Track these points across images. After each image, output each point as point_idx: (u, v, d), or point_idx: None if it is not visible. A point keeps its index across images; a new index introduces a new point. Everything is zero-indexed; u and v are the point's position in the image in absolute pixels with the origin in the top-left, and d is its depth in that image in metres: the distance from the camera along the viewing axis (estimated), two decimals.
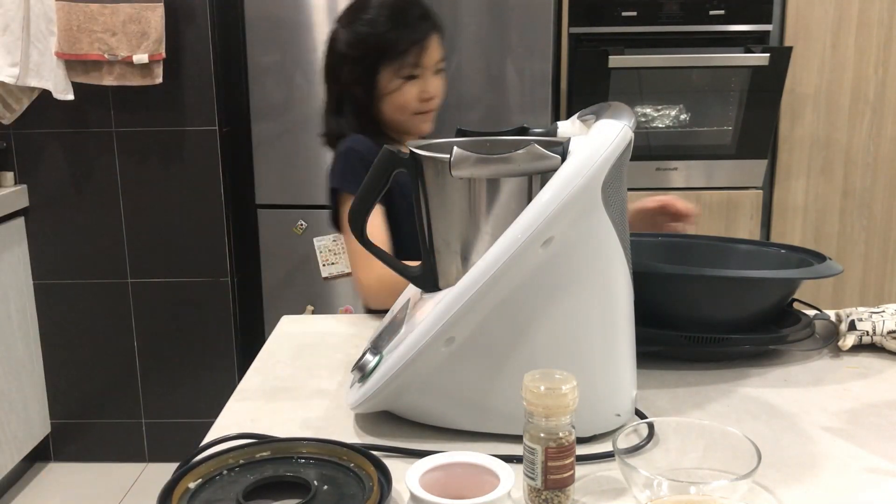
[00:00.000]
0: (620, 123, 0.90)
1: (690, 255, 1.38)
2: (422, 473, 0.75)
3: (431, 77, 1.54)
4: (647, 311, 1.11)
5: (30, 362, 2.69)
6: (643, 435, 0.91)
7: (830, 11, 2.54)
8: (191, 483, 0.83)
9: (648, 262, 1.16)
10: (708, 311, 1.17)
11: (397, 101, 1.53)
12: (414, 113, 1.54)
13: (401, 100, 1.53)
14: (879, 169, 2.63)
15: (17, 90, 2.47)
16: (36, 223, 2.67)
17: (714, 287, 1.17)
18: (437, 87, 1.55)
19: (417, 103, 1.53)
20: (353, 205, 1.03)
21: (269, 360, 1.23)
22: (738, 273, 1.23)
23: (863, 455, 0.91)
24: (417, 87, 1.52)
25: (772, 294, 1.21)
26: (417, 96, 1.53)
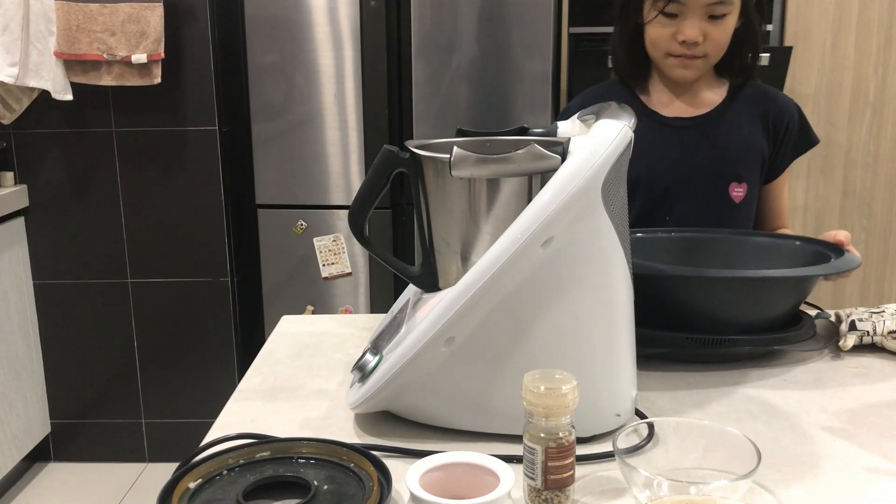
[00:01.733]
0: (620, 123, 0.90)
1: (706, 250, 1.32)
2: (422, 473, 0.75)
3: (696, 19, 1.34)
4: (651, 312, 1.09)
5: (30, 362, 2.68)
6: (643, 435, 0.91)
7: (830, 11, 2.54)
8: (191, 483, 0.83)
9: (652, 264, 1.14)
10: (716, 312, 1.14)
11: (651, 35, 1.39)
12: (667, 54, 1.39)
13: (654, 34, 1.38)
14: (879, 169, 2.63)
15: (16, 90, 2.47)
16: (36, 223, 2.67)
17: (720, 288, 1.14)
18: (703, 32, 1.35)
19: (671, 43, 1.37)
20: (353, 205, 1.03)
21: (269, 360, 1.23)
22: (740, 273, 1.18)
23: (863, 455, 0.91)
24: (674, 26, 1.35)
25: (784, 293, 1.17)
26: (671, 36, 1.36)
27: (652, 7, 1.36)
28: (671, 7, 1.33)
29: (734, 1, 1.36)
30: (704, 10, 1.34)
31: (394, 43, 2.45)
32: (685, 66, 1.39)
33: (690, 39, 1.34)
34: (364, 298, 2.59)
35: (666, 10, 1.34)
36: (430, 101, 2.48)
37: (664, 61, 1.41)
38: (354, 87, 2.48)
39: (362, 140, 2.50)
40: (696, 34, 1.34)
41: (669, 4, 1.33)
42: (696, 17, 1.34)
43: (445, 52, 2.45)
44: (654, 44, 1.39)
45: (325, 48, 2.47)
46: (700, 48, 1.36)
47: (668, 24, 1.36)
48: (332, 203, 2.55)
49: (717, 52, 1.39)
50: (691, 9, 1.33)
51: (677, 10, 1.34)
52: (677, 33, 1.35)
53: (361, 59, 2.45)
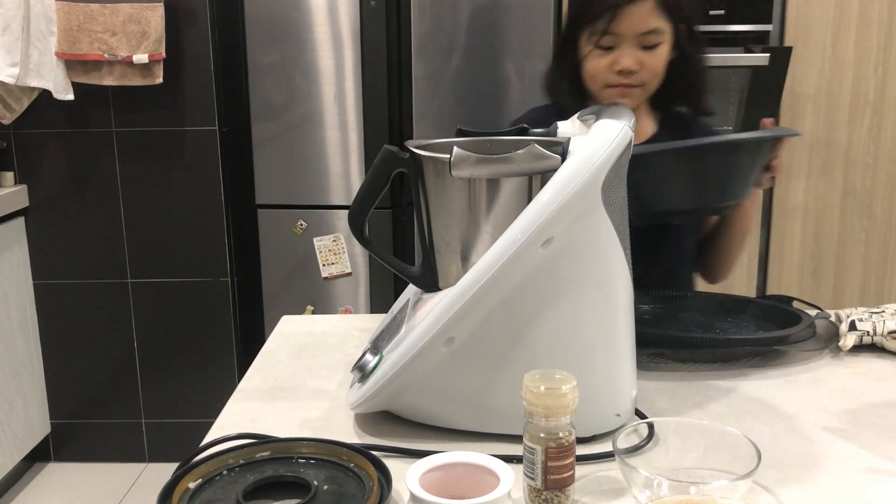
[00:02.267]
0: (620, 123, 0.90)
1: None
2: (422, 473, 0.75)
3: (631, 48, 1.38)
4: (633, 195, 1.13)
5: (30, 362, 2.69)
6: (643, 435, 0.91)
7: (830, 11, 2.54)
8: (191, 483, 0.83)
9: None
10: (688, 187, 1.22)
11: (588, 68, 1.43)
12: (605, 85, 1.42)
13: (591, 68, 1.42)
14: (879, 169, 2.63)
15: (17, 90, 2.47)
16: (36, 223, 2.67)
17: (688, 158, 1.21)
18: (638, 61, 1.39)
19: (608, 75, 1.41)
20: (353, 205, 1.03)
21: (269, 360, 1.23)
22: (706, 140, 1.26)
23: (863, 455, 0.91)
24: (610, 57, 1.40)
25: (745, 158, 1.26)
26: (608, 67, 1.40)
27: (588, 42, 1.41)
28: (606, 40, 1.39)
29: (666, 30, 1.40)
30: (638, 41, 1.39)
31: (394, 43, 2.45)
32: (624, 96, 1.43)
33: (627, 69, 1.39)
34: (364, 298, 2.59)
35: (601, 42, 1.39)
36: (430, 101, 2.48)
37: (603, 92, 1.44)
38: (354, 87, 2.48)
39: (362, 140, 2.50)
40: (632, 63, 1.39)
41: (604, 37, 1.38)
42: (630, 47, 1.39)
43: (445, 52, 2.45)
44: (593, 76, 1.43)
45: (325, 48, 2.47)
46: (637, 77, 1.41)
47: (605, 56, 1.40)
48: (332, 203, 2.55)
49: (653, 80, 1.43)
50: (625, 39, 1.38)
51: (612, 41, 1.39)
52: (614, 64, 1.40)
53: (361, 59, 2.45)
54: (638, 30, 1.37)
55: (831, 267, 2.69)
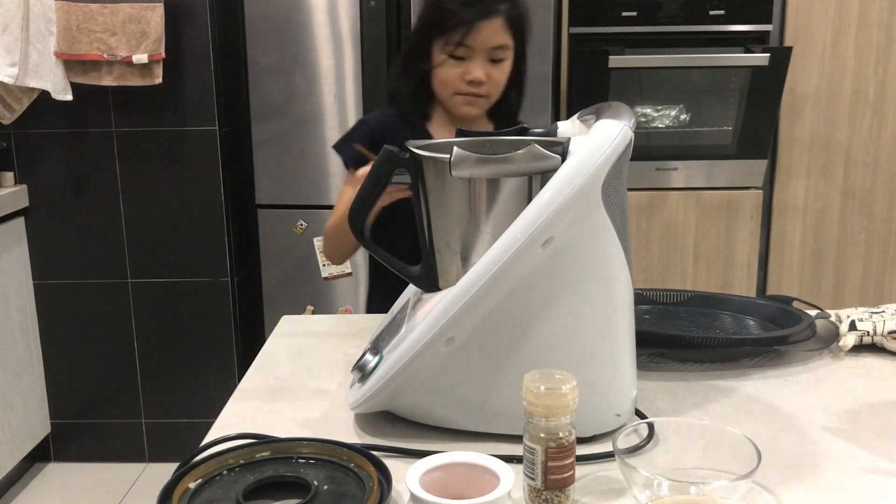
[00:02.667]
0: (620, 123, 0.90)
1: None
2: (422, 473, 0.75)
3: (481, 61, 1.48)
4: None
5: (30, 362, 2.68)
6: (643, 435, 0.91)
7: (830, 11, 2.54)
8: (191, 483, 0.83)
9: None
10: None
11: (440, 76, 1.51)
12: (455, 93, 1.50)
13: (443, 75, 1.50)
14: (879, 169, 2.63)
15: (16, 90, 2.47)
16: (36, 223, 2.67)
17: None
18: (487, 73, 1.49)
19: (459, 83, 1.49)
20: (353, 205, 1.03)
21: (269, 360, 1.23)
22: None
23: (863, 455, 0.91)
24: (462, 67, 1.48)
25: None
26: (460, 76, 1.48)
27: (441, 51, 1.49)
28: (460, 51, 1.47)
29: (510, 47, 1.52)
30: (488, 54, 1.48)
31: (394, 43, 2.45)
32: (471, 104, 1.52)
33: (477, 79, 1.48)
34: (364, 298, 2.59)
35: (455, 53, 1.47)
36: None
37: (452, 99, 1.52)
38: (354, 87, 2.48)
39: None
40: (482, 74, 1.48)
41: (459, 48, 1.47)
42: (481, 60, 1.48)
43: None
44: (444, 84, 1.51)
45: (325, 48, 2.47)
46: (484, 88, 1.50)
47: (457, 66, 1.49)
48: (332, 203, 2.54)
49: (497, 92, 1.53)
50: (477, 52, 1.47)
51: (465, 53, 1.48)
52: (465, 74, 1.48)
53: (361, 59, 2.45)
54: (489, 44, 1.47)
55: (831, 267, 2.69)
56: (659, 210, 2.59)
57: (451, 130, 1.58)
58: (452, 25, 1.46)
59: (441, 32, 1.48)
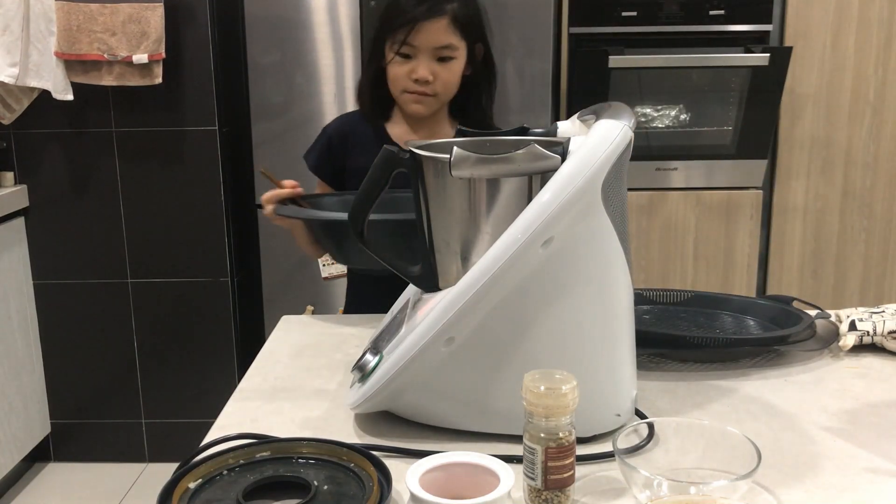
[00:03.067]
0: (620, 123, 0.90)
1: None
2: (422, 473, 0.75)
3: (427, 60, 1.51)
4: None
5: (30, 362, 2.68)
6: (643, 435, 0.91)
7: (830, 11, 2.54)
8: (191, 483, 0.83)
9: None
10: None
11: (390, 74, 1.54)
12: (403, 91, 1.53)
13: (392, 73, 1.54)
14: (879, 169, 2.63)
15: (16, 90, 2.47)
16: (36, 223, 2.67)
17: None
18: (433, 72, 1.51)
19: (406, 81, 1.52)
20: (353, 205, 1.03)
21: (269, 360, 1.23)
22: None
23: (863, 455, 0.91)
24: (409, 65, 1.51)
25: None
26: (406, 74, 1.51)
27: (390, 49, 1.52)
28: (405, 49, 1.50)
29: (460, 47, 1.53)
30: (434, 53, 1.50)
31: None
32: (418, 102, 1.54)
33: (422, 78, 1.51)
34: None
35: (401, 51, 1.50)
36: None
37: (401, 97, 1.56)
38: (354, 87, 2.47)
39: None
40: (427, 73, 1.51)
41: (404, 46, 1.50)
42: (426, 59, 1.51)
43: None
44: (394, 81, 1.55)
45: (325, 48, 2.47)
46: (431, 87, 1.52)
47: (404, 64, 1.52)
48: None
49: (446, 91, 1.55)
50: (422, 51, 1.50)
51: (410, 51, 1.50)
52: (411, 72, 1.51)
53: (361, 60, 2.45)
54: (433, 44, 1.50)
55: (831, 267, 2.69)
56: (659, 210, 2.59)
57: (408, 129, 1.63)
58: (399, 24, 1.49)
59: (390, 31, 1.51)
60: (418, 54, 1.50)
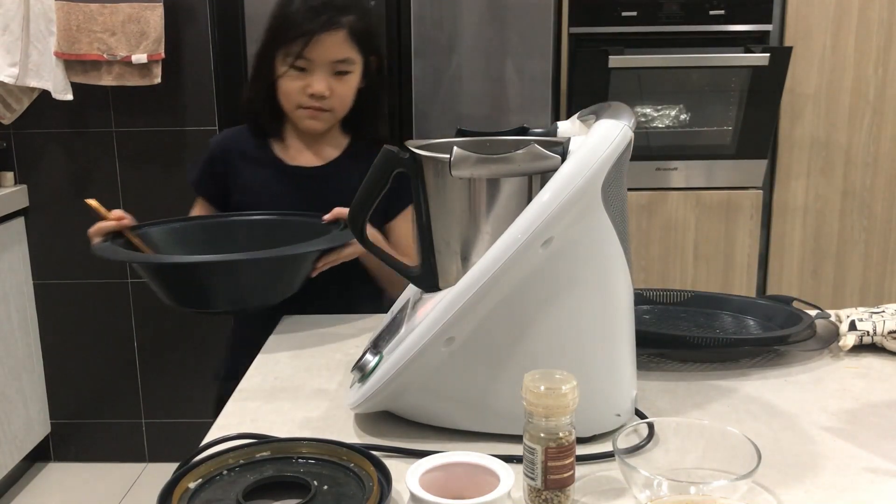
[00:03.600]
0: (620, 123, 0.90)
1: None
2: (422, 473, 0.75)
3: (323, 75, 1.45)
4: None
5: (30, 362, 2.68)
6: (643, 435, 0.91)
7: (830, 11, 2.54)
8: (191, 483, 0.83)
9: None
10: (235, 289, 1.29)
11: (282, 87, 1.48)
12: (298, 106, 1.48)
13: (285, 87, 1.47)
14: (879, 169, 2.63)
15: (16, 90, 2.47)
16: (36, 223, 2.67)
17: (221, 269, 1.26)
18: (330, 87, 1.46)
19: (301, 96, 1.46)
20: (353, 205, 1.03)
21: (269, 360, 1.23)
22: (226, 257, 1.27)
23: (863, 455, 0.91)
24: (303, 80, 1.45)
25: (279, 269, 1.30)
26: (301, 89, 1.46)
27: (283, 62, 1.45)
28: (300, 62, 1.44)
29: (357, 61, 1.47)
30: (330, 67, 1.45)
31: (394, 43, 2.45)
32: (314, 118, 1.49)
33: (318, 93, 1.45)
34: None
35: (296, 64, 1.44)
36: (430, 101, 2.48)
37: (295, 112, 1.49)
38: None
39: None
40: (324, 88, 1.45)
41: (298, 60, 1.43)
42: (323, 73, 1.45)
43: (445, 52, 2.45)
44: (287, 96, 1.48)
45: None
46: (327, 102, 1.47)
47: (299, 78, 1.45)
48: None
49: (342, 106, 1.50)
50: (318, 65, 1.44)
51: (306, 65, 1.44)
52: (307, 87, 1.45)
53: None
54: (330, 58, 1.44)
55: (831, 267, 2.69)
56: (659, 210, 2.59)
57: (299, 145, 1.57)
58: (293, 37, 1.42)
59: (283, 43, 1.44)
60: (314, 68, 1.45)
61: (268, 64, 1.48)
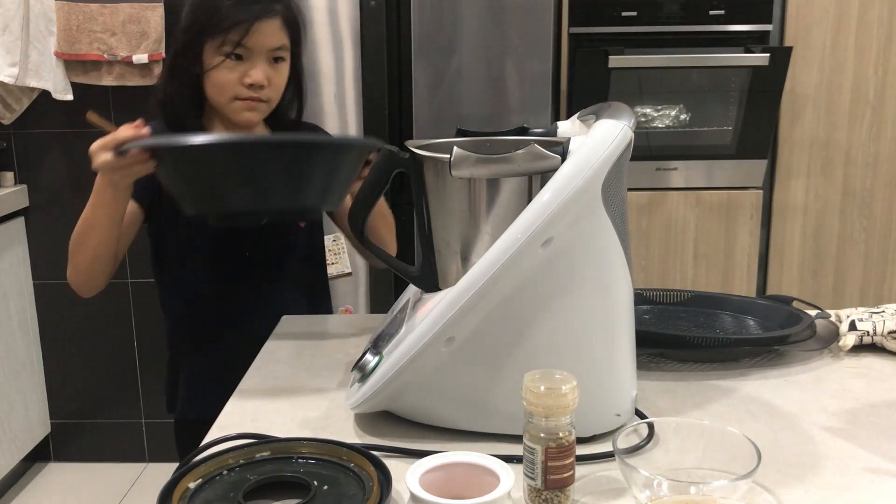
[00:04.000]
0: (620, 123, 0.90)
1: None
2: (422, 473, 0.75)
3: (262, 63, 1.39)
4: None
5: (30, 362, 2.68)
6: (643, 435, 0.91)
7: (830, 11, 2.54)
8: (191, 483, 0.83)
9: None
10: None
11: (217, 79, 1.39)
12: (234, 98, 1.40)
13: (220, 79, 1.39)
14: (879, 169, 2.63)
15: (16, 90, 2.47)
16: (36, 223, 2.67)
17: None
18: (268, 76, 1.39)
19: (238, 87, 1.39)
20: (353, 205, 1.03)
21: (269, 360, 1.23)
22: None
23: (863, 455, 0.91)
24: (240, 69, 1.38)
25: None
26: (238, 79, 1.38)
27: (217, 52, 1.38)
28: (239, 50, 1.37)
29: (288, 48, 1.42)
30: (268, 55, 1.39)
31: (394, 43, 2.45)
32: (251, 109, 1.41)
33: (258, 82, 1.38)
34: (364, 298, 2.59)
35: (235, 52, 1.37)
36: (430, 101, 2.48)
37: (230, 105, 1.41)
38: (354, 87, 2.48)
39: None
40: (262, 77, 1.38)
41: (238, 48, 1.37)
42: (261, 62, 1.39)
43: (445, 52, 2.45)
44: (221, 88, 1.40)
45: (325, 48, 2.47)
46: (265, 92, 1.40)
47: (235, 69, 1.38)
48: None
49: (278, 95, 1.44)
50: (257, 53, 1.38)
51: (244, 53, 1.38)
52: (244, 77, 1.38)
53: (361, 60, 2.45)
54: (268, 45, 1.38)
55: (831, 267, 2.69)
56: (659, 210, 2.59)
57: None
58: (228, 26, 1.36)
59: (214, 34, 1.37)
60: (252, 57, 1.38)
61: (192, 57, 1.40)
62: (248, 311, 1.48)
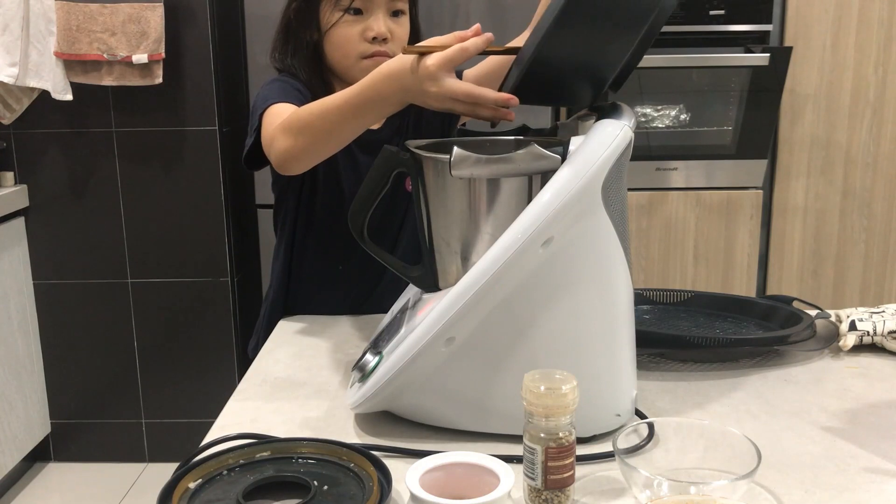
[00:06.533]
0: (620, 123, 0.90)
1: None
2: (422, 473, 0.75)
3: (382, 16, 1.32)
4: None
5: (30, 362, 2.68)
6: (643, 435, 0.91)
7: (830, 11, 2.54)
8: (191, 483, 0.83)
9: None
10: None
11: (337, 38, 1.33)
12: (361, 56, 1.33)
13: (341, 37, 1.33)
14: (879, 169, 2.63)
15: (16, 90, 2.47)
16: (36, 223, 2.67)
17: None
18: (389, 28, 1.32)
19: (361, 43, 1.32)
20: (353, 205, 1.03)
21: (269, 360, 1.23)
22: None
23: (863, 455, 0.91)
24: (361, 24, 1.32)
25: None
26: (360, 34, 1.32)
27: (335, 9, 1.33)
28: (357, 3, 1.31)
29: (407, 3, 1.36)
30: (388, 6, 1.33)
31: None
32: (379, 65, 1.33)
33: (380, 35, 1.31)
34: None
35: (353, 6, 1.31)
36: None
37: (357, 66, 1.33)
38: None
39: None
40: (384, 29, 1.31)
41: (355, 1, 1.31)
42: (381, 13, 1.32)
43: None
44: (343, 47, 1.33)
45: None
46: (388, 46, 1.33)
47: (356, 23, 1.32)
48: None
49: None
50: (377, 5, 1.32)
51: (362, 5, 1.32)
52: (366, 30, 1.31)
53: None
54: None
55: (831, 267, 2.69)
56: (659, 210, 2.59)
57: None
58: None
59: None
60: (372, 9, 1.31)
61: (309, 19, 1.35)
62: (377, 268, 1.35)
